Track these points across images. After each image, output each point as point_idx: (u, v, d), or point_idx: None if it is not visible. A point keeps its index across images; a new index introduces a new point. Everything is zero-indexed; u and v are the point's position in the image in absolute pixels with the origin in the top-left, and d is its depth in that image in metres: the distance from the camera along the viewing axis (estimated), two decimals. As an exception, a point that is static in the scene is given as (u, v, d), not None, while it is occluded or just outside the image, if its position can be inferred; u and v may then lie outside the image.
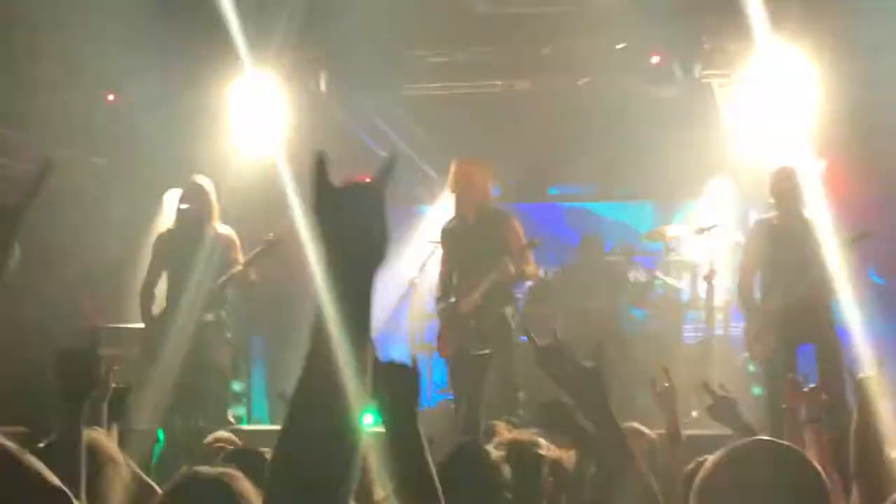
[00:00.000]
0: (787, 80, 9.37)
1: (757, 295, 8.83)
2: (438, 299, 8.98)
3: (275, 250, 9.12)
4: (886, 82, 9.48)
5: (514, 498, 3.77)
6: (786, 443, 2.31)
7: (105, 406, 4.31)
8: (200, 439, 6.44)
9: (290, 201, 9.43)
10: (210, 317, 8.88)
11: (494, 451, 4.30)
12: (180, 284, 9.02)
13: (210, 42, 9.55)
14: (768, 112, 9.81)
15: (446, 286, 8.90)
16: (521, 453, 4.30)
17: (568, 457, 4.64)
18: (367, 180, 1.90)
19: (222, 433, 6.46)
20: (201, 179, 9.40)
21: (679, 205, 12.29)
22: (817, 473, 2.20)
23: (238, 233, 9.46)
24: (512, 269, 8.42)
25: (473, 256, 8.62)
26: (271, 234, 9.17)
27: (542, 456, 4.40)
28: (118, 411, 4.67)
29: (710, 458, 2.26)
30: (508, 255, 8.48)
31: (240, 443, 5.76)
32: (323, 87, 10.13)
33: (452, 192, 8.73)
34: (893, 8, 8.85)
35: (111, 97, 10.46)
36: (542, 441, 4.60)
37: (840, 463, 4.69)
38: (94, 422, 3.97)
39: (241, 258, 9.16)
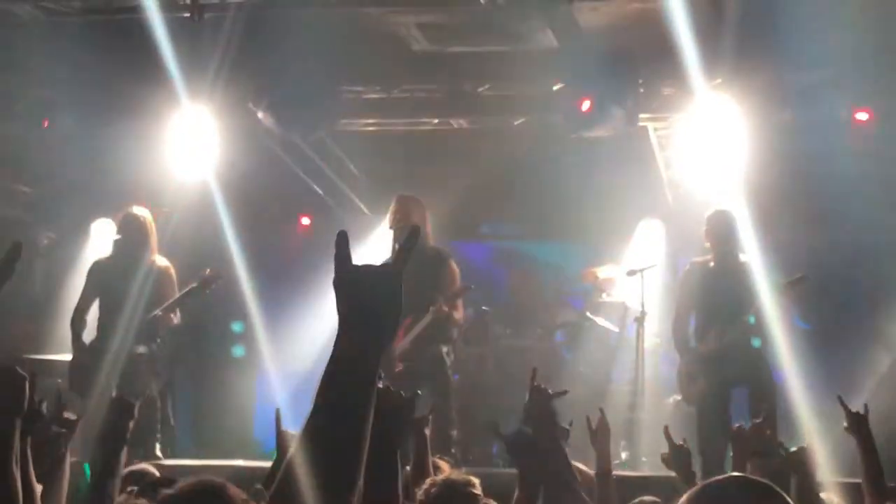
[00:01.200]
0: (719, 125, 9.49)
1: (691, 336, 8.90)
2: None
3: (211, 284, 9.01)
4: (813, 130, 9.68)
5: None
6: (760, 479, 2.30)
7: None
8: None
9: (225, 235, 9.38)
10: (142, 349, 8.74)
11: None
12: (113, 314, 8.88)
13: (145, 75, 9.46)
14: (701, 156, 9.93)
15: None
16: (455, 492, 4.29)
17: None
18: (385, 263, 1.98)
19: (143, 465, 6.32)
20: (140, 210, 9.27)
21: (611, 246, 12.36)
22: None
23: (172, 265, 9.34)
24: (446, 309, 8.42)
25: (410, 296, 8.56)
26: (208, 270, 9.07)
27: (477, 495, 4.38)
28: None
29: (686, 496, 2.24)
30: (442, 295, 8.46)
31: (157, 474, 5.62)
32: (258, 121, 10.06)
33: (391, 228, 8.71)
34: (820, 58, 9.02)
35: (45, 124, 10.28)
36: (476, 482, 4.59)
37: None
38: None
39: (174, 293, 9.04)
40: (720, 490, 2.23)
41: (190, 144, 10.14)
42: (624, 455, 9.92)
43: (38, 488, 3.63)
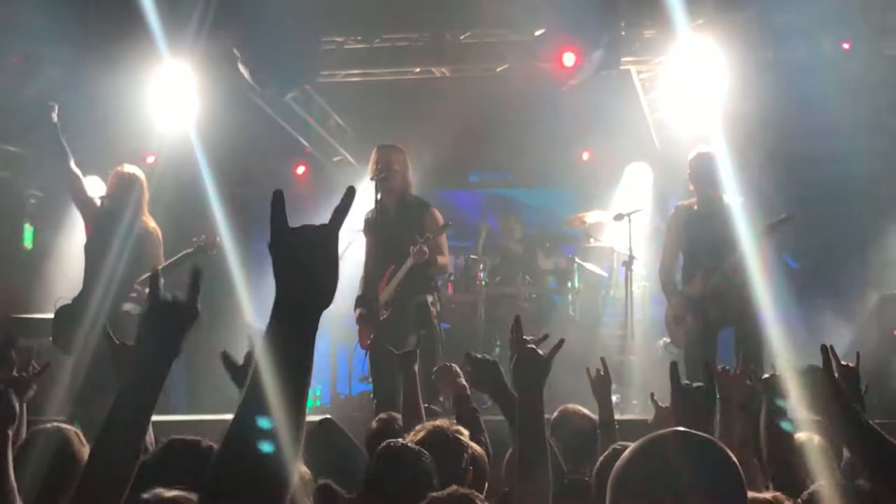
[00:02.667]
0: (702, 66, 9.46)
1: (678, 279, 8.93)
2: (360, 291, 8.94)
3: (205, 252, 8.99)
4: (793, 70, 9.67)
5: (440, 483, 3.78)
6: (702, 434, 2.29)
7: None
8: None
9: (207, 194, 9.34)
10: (128, 307, 8.73)
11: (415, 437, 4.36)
12: (98, 273, 8.85)
13: (125, 30, 9.39)
14: (686, 98, 9.92)
15: (368, 276, 8.89)
16: (444, 439, 4.32)
17: (481, 453, 4.67)
18: (322, 224, 1.96)
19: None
20: (130, 168, 9.18)
21: (599, 191, 12.37)
22: (733, 464, 2.18)
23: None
24: (426, 250, 8.41)
25: (394, 246, 8.60)
26: (203, 236, 9.03)
27: (464, 443, 4.42)
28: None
29: (628, 449, 2.24)
30: (422, 237, 8.46)
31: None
32: (240, 74, 10.00)
33: (372, 179, 8.68)
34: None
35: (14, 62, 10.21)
36: (464, 430, 4.63)
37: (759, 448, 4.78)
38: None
39: (161, 256, 8.99)
40: (662, 444, 2.21)
41: (172, 99, 10.09)
42: (615, 398, 9.96)
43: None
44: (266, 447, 1.82)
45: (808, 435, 4.14)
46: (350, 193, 2.00)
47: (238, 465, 1.84)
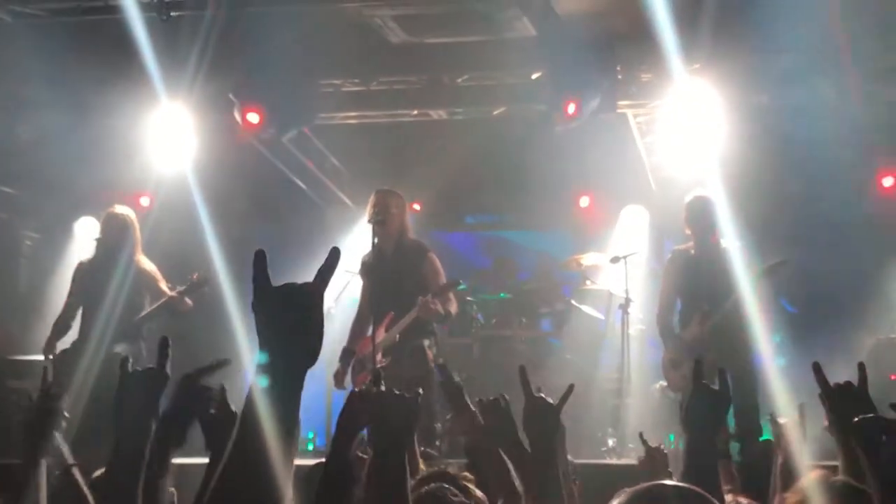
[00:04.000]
0: (698, 110, 9.49)
1: (675, 323, 8.91)
2: (349, 338, 8.92)
3: (199, 289, 8.99)
4: (790, 115, 9.71)
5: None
6: (688, 486, 2.24)
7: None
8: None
9: (205, 236, 9.34)
10: (120, 349, 8.71)
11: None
12: (93, 315, 8.84)
13: (124, 73, 9.43)
14: (682, 142, 9.94)
15: (361, 320, 8.88)
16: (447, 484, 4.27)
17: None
18: (306, 283, 1.93)
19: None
20: (122, 209, 9.22)
21: (595, 234, 12.37)
22: None
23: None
24: (440, 308, 8.37)
25: (391, 290, 8.59)
26: (195, 275, 9.04)
27: (468, 488, 4.37)
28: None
29: (614, 501, 2.19)
30: (427, 291, 8.41)
31: None
32: (237, 117, 10.03)
33: (370, 222, 8.67)
34: (796, 44, 9.03)
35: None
36: (471, 477, 4.58)
37: (755, 486, 4.77)
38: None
39: (164, 290, 9.01)
40: (649, 496, 2.18)
41: (169, 142, 10.11)
42: (611, 442, 9.94)
43: None
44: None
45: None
46: (334, 254, 1.96)
47: None
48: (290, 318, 1.89)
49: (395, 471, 3.06)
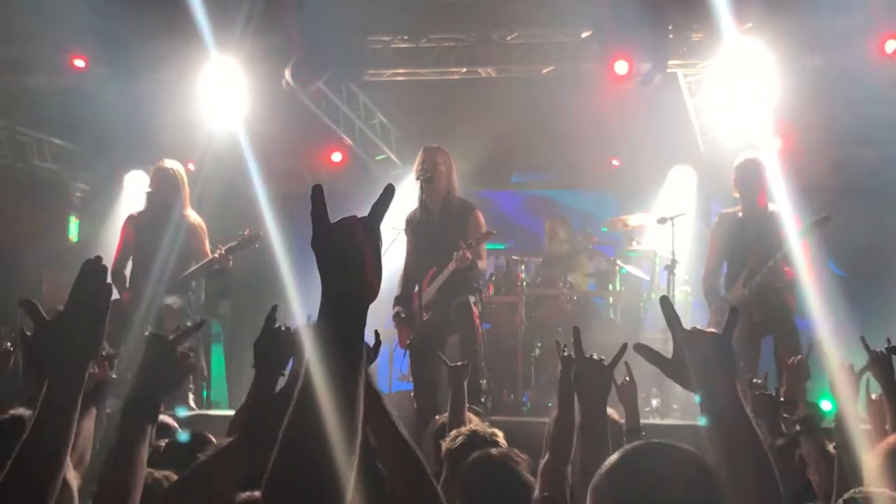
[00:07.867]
0: (749, 71, 9.40)
1: (720, 285, 8.88)
2: (399, 290, 8.96)
3: (249, 245, 9.08)
4: (843, 74, 9.59)
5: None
6: (680, 445, 2.22)
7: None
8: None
9: (255, 190, 9.39)
10: (170, 300, 8.80)
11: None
12: (144, 268, 8.95)
13: (174, 28, 9.48)
14: (732, 102, 9.87)
15: (408, 276, 8.90)
16: (479, 443, 4.34)
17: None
18: (363, 216, 1.92)
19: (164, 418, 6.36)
20: (172, 164, 9.29)
21: (642, 194, 12.31)
22: (712, 476, 2.12)
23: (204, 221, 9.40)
24: (468, 255, 8.41)
25: (436, 247, 8.61)
26: (247, 230, 9.12)
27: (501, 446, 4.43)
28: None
29: (608, 459, 2.19)
30: (465, 242, 8.46)
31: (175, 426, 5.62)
32: (287, 73, 10.06)
33: (417, 179, 8.69)
34: (847, 5, 8.92)
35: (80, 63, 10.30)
36: (499, 433, 4.64)
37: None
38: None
39: (207, 248, 9.10)
40: (639, 455, 2.17)
41: (220, 96, 10.16)
42: (655, 402, 9.94)
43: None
44: (321, 454, 1.78)
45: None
46: (389, 190, 1.96)
47: (292, 475, 1.79)
48: (349, 252, 1.88)
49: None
